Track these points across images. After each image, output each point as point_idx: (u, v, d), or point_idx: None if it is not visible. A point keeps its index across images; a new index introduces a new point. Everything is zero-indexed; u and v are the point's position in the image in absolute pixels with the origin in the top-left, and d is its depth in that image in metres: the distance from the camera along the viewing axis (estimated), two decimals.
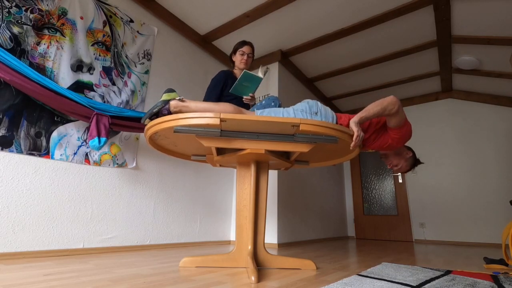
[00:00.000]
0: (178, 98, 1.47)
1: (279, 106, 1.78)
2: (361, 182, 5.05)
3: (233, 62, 2.15)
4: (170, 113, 1.45)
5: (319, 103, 1.59)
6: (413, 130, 4.56)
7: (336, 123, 1.54)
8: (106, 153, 2.15)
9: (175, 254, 2.07)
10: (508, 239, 1.82)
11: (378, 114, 1.47)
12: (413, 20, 2.89)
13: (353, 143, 1.41)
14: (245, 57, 2.05)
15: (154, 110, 1.45)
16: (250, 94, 1.94)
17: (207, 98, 2.00)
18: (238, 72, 2.12)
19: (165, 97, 1.47)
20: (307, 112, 1.51)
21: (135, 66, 2.50)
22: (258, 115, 1.46)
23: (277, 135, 1.39)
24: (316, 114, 1.51)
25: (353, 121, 1.44)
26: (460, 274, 1.48)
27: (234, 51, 2.10)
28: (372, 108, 1.48)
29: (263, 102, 1.83)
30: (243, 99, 1.97)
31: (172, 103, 1.46)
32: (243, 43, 2.09)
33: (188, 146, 1.65)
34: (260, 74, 1.88)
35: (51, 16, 1.98)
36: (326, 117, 1.52)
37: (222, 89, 1.99)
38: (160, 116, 1.43)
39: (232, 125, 1.30)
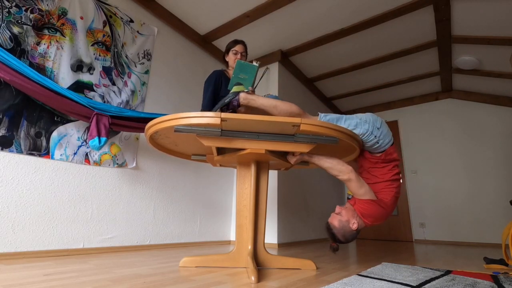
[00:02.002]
0: (246, 90, 1.60)
1: None
2: None
3: (227, 62, 2.10)
4: (239, 105, 1.59)
5: (384, 121, 1.62)
6: (413, 130, 4.62)
7: (391, 145, 1.60)
8: (106, 153, 2.15)
9: (175, 254, 2.07)
10: (508, 239, 1.82)
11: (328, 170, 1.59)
12: (413, 20, 2.89)
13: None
14: (238, 56, 2.00)
15: (226, 101, 1.58)
16: (250, 88, 1.75)
17: (204, 101, 1.93)
18: (232, 72, 2.09)
19: (235, 89, 1.61)
20: (369, 124, 1.55)
21: (135, 66, 2.50)
22: (321, 118, 1.58)
23: (277, 135, 1.39)
24: (378, 129, 1.54)
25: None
26: (460, 274, 1.48)
27: (227, 51, 2.05)
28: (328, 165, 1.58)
29: None
30: None
31: (242, 95, 1.58)
32: (235, 42, 2.04)
33: (189, 146, 1.65)
34: (254, 63, 1.75)
35: (51, 16, 1.98)
36: (384, 138, 1.56)
37: (217, 90, 1.93)
38: (230, 108, 1.59)
39: (233, 125, 1.30)
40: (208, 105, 1.88)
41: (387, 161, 1.61)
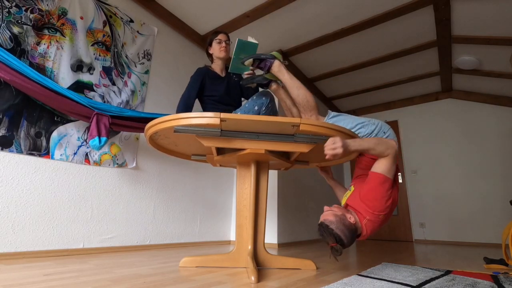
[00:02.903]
0: (284, 61, 1.63)
1: (271, 101, 1.67)
2: None
3: (211, 56, 1.96)
4: (269, 69, 1.62)
5: (391, 129, 1.60)
6: (413, 130, 4.62)
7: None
8: (106, 153, 2.15)
9: (175, 254, 2.07)
10: (508, 239, 1.82)
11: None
12: (413, 20, 2.89)
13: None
14: (223, 44, 1.88)
15: (262, 56, 1.61)
16: (251, 68, 1.70)
17: (185, 95, 1.80)
18: (217, 65, 1.93)
19: (276, 54, 1.63)
20: (376, 126, 1.54)
21: (135, 66, 2.50)
22: (328, 119, 1.59)
23: (277, 135, 1.39)
24: (384, 133, 1.53)
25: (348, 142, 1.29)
26: (460, 274, 1.48)
27: (210, 43, 1.92)
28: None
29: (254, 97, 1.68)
30: (243, 76, 1.76)
31: (276, 63, 1.61)
32: (216, 32, 1.92)
33: (189, 146, 1.65)
34: (253, 40, 1.65)
35: (51, 16, 1.98)
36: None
37: (202, 89, 1.82)
38: (261, 66, 1.62)
39: (232, 125, 1.30)
40: (186, 104, 1.75)
41: None
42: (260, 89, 1.82)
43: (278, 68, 1.61)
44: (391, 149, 1.32)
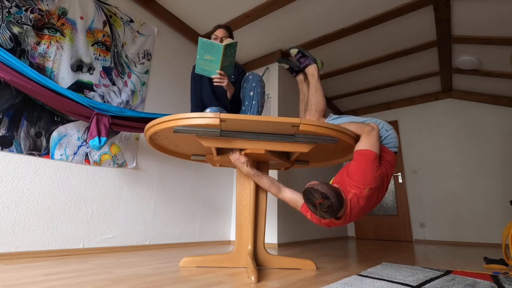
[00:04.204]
0: (321, 69, 1.82)
1: (263, 88, 1.70)
2: None
3: None
4: (305, 67, 1.82)
5: (393, 129, 1.63)
6: (413, 130, 4.62)
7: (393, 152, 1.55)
8: (106, 153, 2.15)
9: (175, 254, 2.07)
10: (508, 239, 1.82)
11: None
12: (413, 20, 2.89)
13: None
14: (218, 41, 1.71)
15: (306, 53, 1.79)
16: (218, 71, 1.53)
17: (193, 100, 1.80)
18: None
19: (318, 61, 1.82)
20: (379, 124, 1.58)
21: (135, 66, 2.50)
22: (329, 121, 1.63)
23: (277, 135, 1.39)
24: (386, 131, 1.58)
25: None
26: (460, 274, 1.48)
27: (209, 38, 1.73)
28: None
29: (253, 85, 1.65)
30: (213, 81, 1.58)
31: (314, 66, 1.79)
32: (217, 26, 1.78)
33: (188, 146, 1.65)
34: (224, 42, 1.50)
35: (51, 16, 1.98)
36: (389, 140, 1.56)
37: (200, 87, 1.76)
38: (300, 60, 1.81)
39: (232, 125, 1.30)
40: (195, 106, 1.75)
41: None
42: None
43: (312, 71, 1.79)
44: (366, 126, 1.44)
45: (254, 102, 1.65)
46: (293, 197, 1.45)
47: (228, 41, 1.51)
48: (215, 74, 1.54)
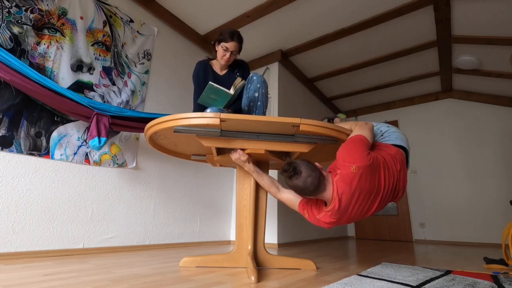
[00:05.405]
0: (343, 118, 2.20)
1: (266, 89, 1.70)
2: None
3: (216, 51, 1.79)
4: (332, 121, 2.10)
5: (403, 136, 1.69)
6: (413, 130, 4.62)
7: (396, 146, 1.54)
8: (106, 153, 2.15)
9: (175, 254, 2.07)
10: (508, 239, 1.82)
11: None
12: (413, 20, 2.89)
13: None
14: (227, 54, 1.70)
15: (331, 118, 2.21)
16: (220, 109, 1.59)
17: (194, 102, 1.77)
18: (217, 63, 1.83)
19: (341, 115, 2.28)
20: (382, 124, 1.70)
21: (135, 66, 2.50)
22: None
23: (277, 135, 1.39)
24: (388, 127, 1.67)
25: None
26: (460, 274, 1.48)
27: (219, 41, 1.73)
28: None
29: (250, 87, 1.65)
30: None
31: (336, 120, 2.14)
32: (231, 37, 1.70)
33: (188, 146, 1.65)
34: (231, 90, 1.57)
35: (51, 16, 1.98)
36: (391, 135, 1.62)
37: (204, 84, 1.68)
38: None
39: (232, 125, 1.30)
40: (199, 106, 1.70)
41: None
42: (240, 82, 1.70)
43: (337, 125, 1.89)
44: (361, 122, 1.50)
45: (259, 103, 1.65)
46: (291, 197, 1.46)
47: (240, 84, 1.59)
48: (220, 107, 1.61)
